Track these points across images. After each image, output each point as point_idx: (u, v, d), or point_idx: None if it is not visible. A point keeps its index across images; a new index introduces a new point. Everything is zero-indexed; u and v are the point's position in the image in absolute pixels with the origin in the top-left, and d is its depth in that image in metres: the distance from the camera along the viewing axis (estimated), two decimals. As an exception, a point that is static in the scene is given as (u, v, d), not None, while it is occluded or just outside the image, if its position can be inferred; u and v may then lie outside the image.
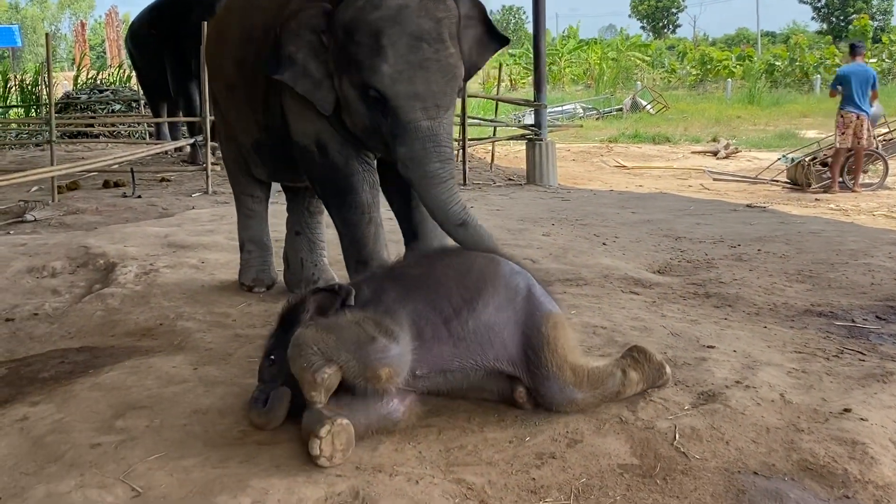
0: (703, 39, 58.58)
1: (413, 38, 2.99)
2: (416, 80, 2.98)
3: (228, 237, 5.59)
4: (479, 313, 2.61)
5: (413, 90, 2.98)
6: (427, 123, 2.99)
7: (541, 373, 2.60)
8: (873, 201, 8.85)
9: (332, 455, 2.31)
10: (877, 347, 3.42)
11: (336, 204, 3.56)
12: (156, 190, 9.29)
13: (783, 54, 34.62)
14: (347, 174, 3.46)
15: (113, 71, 20.60)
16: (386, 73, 2.98)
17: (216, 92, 4.28)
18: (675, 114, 23.03)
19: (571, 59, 38.95)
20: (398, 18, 3.00)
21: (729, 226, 6.68)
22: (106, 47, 44.89)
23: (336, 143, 3.44)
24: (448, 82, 3.05)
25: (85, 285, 4.55)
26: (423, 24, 3.01)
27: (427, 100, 2.99)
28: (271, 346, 2.64)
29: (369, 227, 3.48)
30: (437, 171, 2.98)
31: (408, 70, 2.98)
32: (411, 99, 2.99)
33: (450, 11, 3.12)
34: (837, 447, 2.40)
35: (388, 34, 2.98)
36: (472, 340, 2.59)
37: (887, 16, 56.72)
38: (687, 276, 4.79)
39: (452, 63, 3.06)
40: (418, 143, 2.99)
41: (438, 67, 3.01)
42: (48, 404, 2.85)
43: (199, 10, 10.33)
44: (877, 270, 4.80)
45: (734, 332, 3.55)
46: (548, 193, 9.24)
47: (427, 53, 3.00)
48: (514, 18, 70.65)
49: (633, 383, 2.70)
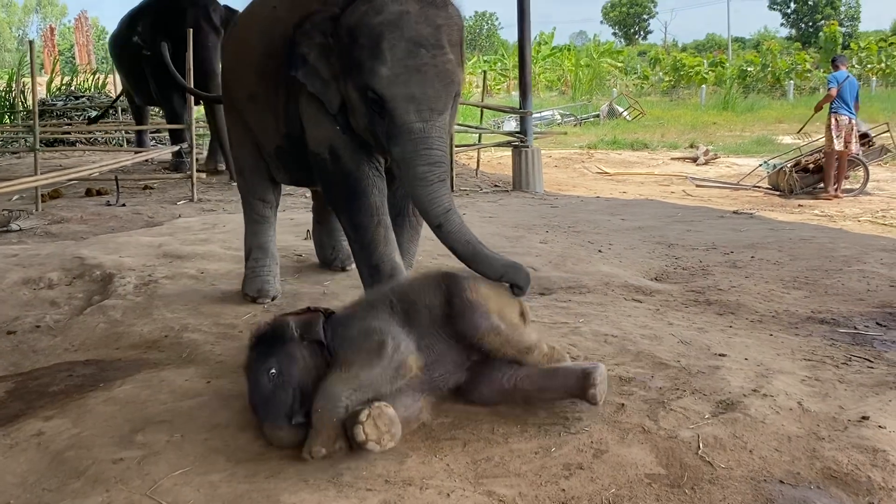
0: (674, 45, 59.17)
1: (412, 43, 3.06)
2: (413, 84, 3.05)
3: (223, 246, 5.57)
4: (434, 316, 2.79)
5: (409, 93, 3.05)
6: (420, 126, 3.05)
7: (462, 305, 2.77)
8: (857, 207, 8.97)
9: (380, 438, 2.37)
10: (882, 354, 3.47)
11: (346, 208, 3.62)
12: (140, 198, 9.21)
13: (755, 60, 35.01)
14: (358, 178, 3.53)
15: (87, 77, 20.38)
16: (384, 76, 3.05)
17: (235, 101, 4.30)
18: (651, 120, 23.19)
19: (545, 66, 39.11)
20: (398, 23, 3.07)
21: (719, 232, 6.75)
22: (75, 52, 44.50)
23: (348, 149, 3.51)
24: (444, 87, 3.11)
25: (84, 297, 4.50)
26: (422, 29, 3.08)
27: (422, 103, 3.06)
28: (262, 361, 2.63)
29: (379, 230, 3.52)
30: (424, 174, 3.03)
31: (405, 73, 3.05)
32: (406, 101, 3.05)
33: (451, 19, 3.19)
34: (859, 455, 2.42)
35: (388, 38, 3.06)
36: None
37: (855, 22, 57.65)
38: (685, 284, 4.83)
39: (450, 69, 3.12)
40: (410, 145, 3.06)
41: (436, 72, 3.08)
42: (63, 419, 2.83)
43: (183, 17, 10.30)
44: (871, 277, 4.87)
45: (742, 339, 3.59)
46: (536, 200, 9.28)
47: (425, 58, 3.06)
48: (487, 24, 70.95)
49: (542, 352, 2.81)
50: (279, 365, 2.60)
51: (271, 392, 2.57)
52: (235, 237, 5.90)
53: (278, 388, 2.57)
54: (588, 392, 2.66)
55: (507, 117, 18.86)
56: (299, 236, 5.98)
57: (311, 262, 5.17)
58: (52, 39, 44.83)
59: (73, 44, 46.68)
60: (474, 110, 14.49)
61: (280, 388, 2.57)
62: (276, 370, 2.59)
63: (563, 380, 2.72)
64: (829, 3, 56.83)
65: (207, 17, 10.33)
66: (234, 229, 6.29)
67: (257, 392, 2.61)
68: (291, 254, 5.38)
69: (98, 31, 52.43)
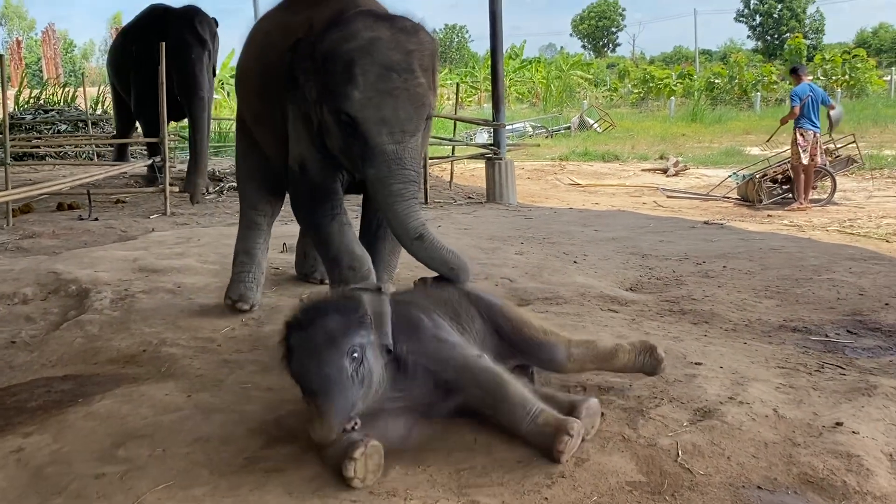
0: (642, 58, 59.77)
1: (383, 68, 3.16)
2: (385, 107, 3.14)
3: (199, 260, 5.55)
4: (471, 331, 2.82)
5: (381, 116, 3.14)
6: (393, 147, 3.14)
7: (532, 344, 2.86)
8: (825, 217, 9.12)
9: (365, 476, 2.34)
10: (853, 361, 3.55)
11: (305, 213, 3.80)
12: (112, 212, 9.15)
13: (723, 72, 35.45)
14: (318, 186, 3.67)
15: (56, 90, 20.20)
16: (356, 100, 3.14)
17: (245, 117, 4.48)
18: (622, 132, 23.43)
19: (516, 78, 39.35)
20: (370, 49, 3.17)
21: (691, 243, 6.83)
22: (42, 65, 44.04)
23: (316, 165, 3.64)
24: (416, 110, 3.20)
25: (59, 312, 4.46)
26: (393, 55, 3.18)
27: (394, 125, 3.15)
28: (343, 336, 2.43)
29: (334, 225, 3.64)
30: (399, 190, 3.12)
31: (377, 97, 3.14)
32: (378, 124, 3.14)
33: (422, 45, 3.30)
34: (834, 460, 2.47)
35: (361, 63, 3.15)
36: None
37: (819, 34, 58.57)
38: (659, 294, 4.89)
39: (421, 92, 3.22)
40: (384, 165, 3.14)
41: (407, 96, 3.17)
42: (42, 434, 2.81)
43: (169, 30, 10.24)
44: (840, 286, 4.95)
45: (717, 348, 3.64)
46: (510, 212, 9.34)
47: (396, 83, 3.16)
48: (458, 37, 71.23)
49: (625, 352, 2.96)
50: (361, 351, 2.44)
51: (346, 378, 2.38)
52: (211, 251, 5.91)
53: (352, 379, 2.40)
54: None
55: (479, 129, 18.96)
56: (276, 249, 5.96)
57: (288, 275, 5.18)
58: (18, 52, 44.30)
59: (40, 57, 46.14)
60: (447, 123, 14.58)
61: (353, 380, 2.40)
62: (358, 354, 2.42)
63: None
64: (794, 15, 57.71)
65: (193, 29, 10.30)
66: (210, 243, 6.29)
67: (330, 369, 2.38)
68: (269, 266, 5.36)
69: (66, 44, 51.96)
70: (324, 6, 3.64)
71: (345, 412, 2.37)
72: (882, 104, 27.19)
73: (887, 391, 2.99)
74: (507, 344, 2.88)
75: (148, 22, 10.83)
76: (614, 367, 2.99)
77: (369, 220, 3.97)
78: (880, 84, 33.37)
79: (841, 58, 34.11)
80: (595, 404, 2.69)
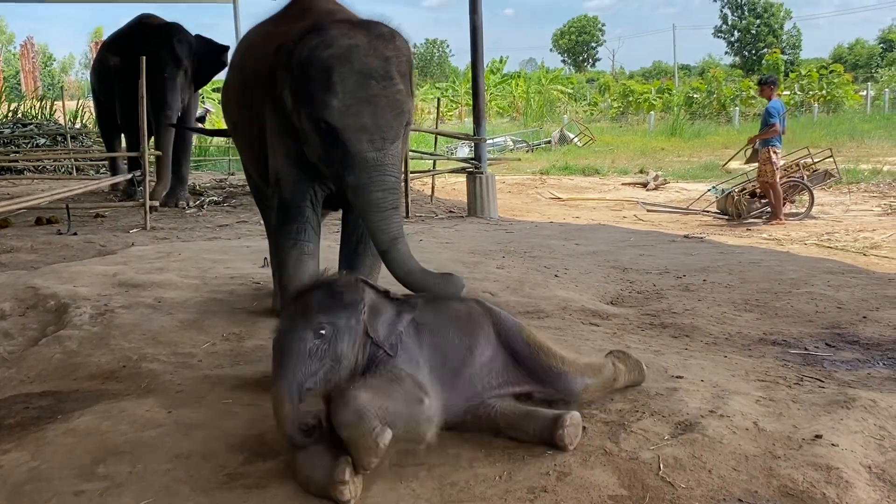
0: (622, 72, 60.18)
1: (361, 76, 3.17)
2: (364, 114, 3.15)
3: (180, 275, 5.52)
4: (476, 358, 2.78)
5: (360, 123, 3.15)
6: (373, 154, 3.15)
7: (551, 373, 2.85)
8: (803, 231, 9.18)
9: (356, 494, 2.34)
10: (832, 374, 3.58)
11: (273, 230, 3.88)
12: (91, 226, 9.09)
13: (701, 87, 35.75)
14: (289, 204, 3.67)
15: (35, 104, 20.07)
16: (335, 107, 3.14)
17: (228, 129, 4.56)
18: (602, 146, 23.56)
19: (496, 93, 39.52)
20: (348, 56, 3.18)
21: (671, 256, 6.87)
22: (21, 79, 43.76)
23: (290, 178, 3.65)
24: (395, 117, 3.21)
25: (38, 327, 4.42)
26: (371, 62, 3.20)
27: (374, 132, 3.16)
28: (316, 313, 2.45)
29: (292, 252, 3.65)
30: (378, 200, 3.14)
31: (356, 105, 3.15)
32: (358, 131, 3.15)
33: (399, 51, 3.31)
34: (814, 473, 2.49)
35: (339, 71, 3.16)
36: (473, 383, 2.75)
37: (796, 50, 59.21)
38: (640, 307, 4.92)
39: (400, 99, 3.23)
40: (364, 173, 3.16)
41: (386, 103, 3.18)
42: (21, 451, 2.78)
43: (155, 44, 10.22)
44: (819, 299, 5.00)
45: (697, 361, 3.66)
46: (491, 226, 9.36)
47: (375, 90, 3.17)
48: (438, 52, 71.44)
49: (622, 373, 3.06)
50: (333, 329, 2.44)
51: (307, 352, 2.40)
52: (192, 265, 5.88)
53: (317, 353, 2.41)
54: (556, 434, 2.65)
55: (460, 144, 19.01)
56: (256, 263, 5.95)
57: (268, 290, 5.14)
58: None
59: (18, 70, 45.82)
60: (428, 137, 14.60)
61: (318, 354, 2.41)
62: (327, 332, 2.43)
63: (535, 423, 2.72)
64: (772, 31, 58.31)
65: (170, 47, 10.29)
66: (190, 257, 6.26)
67: (291, 342, 2.41)
68: (249, 281, 5.35)
69: (45, 57, 51.68)
70: (306, 18, 3.67)
71: (291, 384, 2.37)
72: (858, 119, 27.50)
73: (866, 404, 3.01)
74: (523, 369, 2.85)
75: (131, 34, 10.84)
76: (615, 388, 3.07)
77: (349, 235, 3.97)
78: (856, 99, 33.75)
79: (818, 73, 34.49)
80: (577, 417, 2.70)
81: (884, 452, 2.65)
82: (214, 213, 10.40)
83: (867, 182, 13.81)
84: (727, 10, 61.28)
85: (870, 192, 12.87)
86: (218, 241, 7.70)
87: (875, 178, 14.14)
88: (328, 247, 4.33)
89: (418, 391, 2.48)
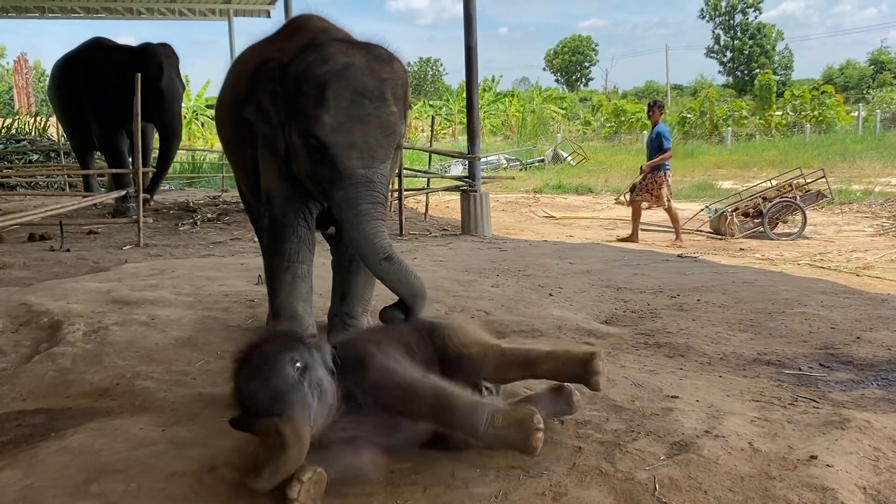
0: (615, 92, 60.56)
1: (356, 94, 3.17)
2: (355, 132, 3.15)
3: (174, 292, 5.51)
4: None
5: (351, 140, 3.15)
6: (362, 171, 3.16)
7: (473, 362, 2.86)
8: (795, 251, 9.23)
9: (306, 502, 2.29)
10: (827, 395, 3.58)
11: (264, 252, 3.86)
12: (84, 243, 9.08)
13: (694, 107, 35.97)
14: (281, 225, 3.66)
15: (28, 120, 20.08)
16: (327, 123, 3.14)
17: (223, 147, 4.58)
18: (595, 165, 23.67)
19: (490, 111, 39.70)
20: (344, 74, 3.18)
21: (665, 276, 6.88)
22: (14, 95, 43.74)
23: (281, 197, 3.65)
24: (386, 137, 3.21)
25: (31, 344, 4.40)
26: (367, 81, 3.20)
27: (364, 151, 3.16)
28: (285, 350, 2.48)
29: (286, 276, 3.64)
30: (368, 210, 3.14)
31: (348, 122, 3.15)
32: (348, 148, 3.15)
33: (395, 74, 3.32)
34: (810, 494, 2.48)
35: (333, 88, 3.16)
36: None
37: (788, 71, 59.71)
38: (634, 327, 4.92)
39: (392, 120, 3.23)
40: (353, 187, 3.15)
41: (378, 123, 3.19)
42: (13, 470, 2.75)
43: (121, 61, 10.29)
44: (812, 319, 5.01)
45: (692, 381, 3.66)
46: (484, 244, 9.37)
47: (368, 109, 3.17)
48: (432, 70, 71.78)
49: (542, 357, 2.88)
50: (304, 360, 2.46)
51: (296, 383, 2.39)
52: (186, 282, 5.87)
53: (302, 384, 2.41)
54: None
55: (453, 162, 19.06)
56: (250, 281, 5.95)
57: (263, 308, 5.14)
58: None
59: (11, 86, 45.82)
60: (422, 155, 14.65)
61: (303, 385, 2.41)
62: (301, 364, 2.44)
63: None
64: (764, 52, 58.83)
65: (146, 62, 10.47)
66: (184, 275, 6.25)
67: (277, 379, 2.39)
68: (243, 299, 5.34)
69: (38, 73, 51.70)
70: (302, 36, 3.68)
71: (304, 416, 2.34)
72: (850, 140, 27.68)
73: (860, 424, 3.01)
74: (451, 363, 2.86)
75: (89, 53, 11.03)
76: (536, 373, 2.91)
77: (341, 255, 3.97)
78: (848, 120, 33.99)
79: (810, 94, 34.75)
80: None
81: (879, 473, 2.64)
82: (208, 231, 10.40)
83: (859, 202, 13.90)
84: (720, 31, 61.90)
85: (862, 213, 12.95)
86: (212, 258, 7.68)
87: (867, 198, 14.23)
88: (322, 263, 4.32)
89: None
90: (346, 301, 3.98)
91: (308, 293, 3.71)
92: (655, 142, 10.76)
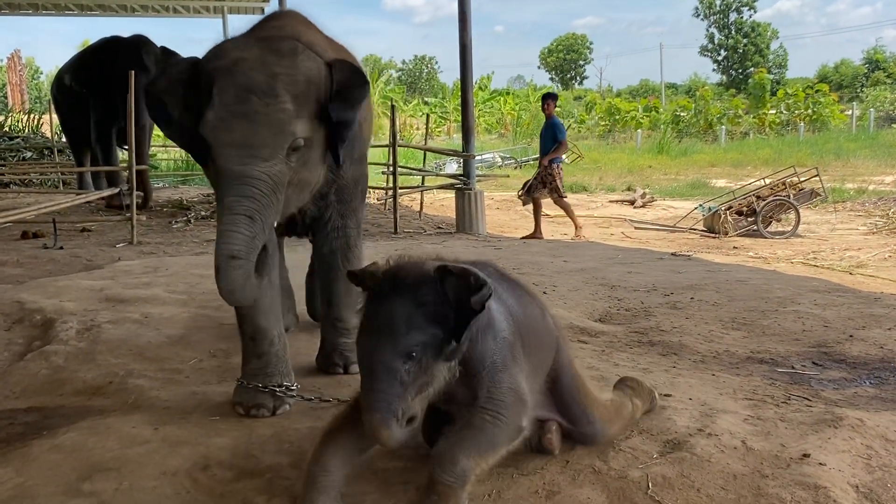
0: (609, 90, 60.63)
1: (241, 90, 2.98)
2: (236, 129, 2.96)
3: (167, 290, 5.50)
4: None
5: (230, 139, 2.97)
6: (240, 169, 2.97)
7: (585, 419, 2.74)
8: (789, 249, 9.25)
9: None
10: (819, 393, 3.59)
11: None
12: (78, 240, 9.06)
13: (688, 105, 36.02)
14: None
15: (21, 117, 20.02)
16: (209, 121, 2.98)
17: None
18: (589, 163, 23.69)
19: (485, 109, 39.71)
20: (232, 69, 3.02)
21: (659, 274, 6.89)
22: (7, 92, 43.61)
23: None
24: (274, 136, 3.00)
25: (24, 342, 4.39)
26: (255, 76, 3.00)
27: (243, 149, 2.97)
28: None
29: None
30: (230, 203, 2.95)
31: (230, 119, 2.97)
32: (228, 147, 2.97)
33: (296, 69, 3.09)
34: (802, 492, 2.49)
35: (219, 84, 3.00)
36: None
37: (782, 69, 59.82)
38: (628, 325, 4.93)
39: (282, 118, 3.01)
40: (227, 184, 2.98)
41: (266, 120, 2.98)
42: (5, 468, 2.74)
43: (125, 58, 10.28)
44: (806, 317, 5.02)
45: (685, 380, 3.67)
46: (479, 242, 9.38)
47: (255, 105, 2.97)
48: (427, 68, 71.76)
49: (639, 408, 2.99)
50: (423, 347, 2.08)
51: (399, 379, 2.05)
52: (179, 280, 5.86)
53: (409, 378, 2.07)
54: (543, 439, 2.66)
55: (448, 160, 19.06)
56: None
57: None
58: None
59: (5, 83, 45.68)
60: (417, 153, 14.65)
61: (410, 377, 2.07)
62: (418, 353, 2.07)
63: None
64: (758, 51, 58.93)
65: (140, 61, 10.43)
66: (178, 272, 6.23)
67: (379, 370, 2.05)
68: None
69: (32, 70, 51.59)
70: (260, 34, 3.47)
71: (389, 411, 2.05)
72: (844, 138, 27.75)
73: (853, 423, 3.02)
74: (555, 399, 2.72)
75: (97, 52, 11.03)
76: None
77: (320, 261, 3.83)
78: (842, 118, 34.08)
79: (804, 92, 34.81)
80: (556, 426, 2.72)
81: (871, 472, 2.65)
82: (202, 228, 10.38)
83: (853, 201, 13.94)
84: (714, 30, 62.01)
85: (855, 211, 12.98)
86: (205, 255, 7.64)
87: (860, 196, 14.28)
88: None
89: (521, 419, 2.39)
90: (333, 306, 3.88)
91: (272, 304, 3.44)
92: (549, 133, 10.78)
